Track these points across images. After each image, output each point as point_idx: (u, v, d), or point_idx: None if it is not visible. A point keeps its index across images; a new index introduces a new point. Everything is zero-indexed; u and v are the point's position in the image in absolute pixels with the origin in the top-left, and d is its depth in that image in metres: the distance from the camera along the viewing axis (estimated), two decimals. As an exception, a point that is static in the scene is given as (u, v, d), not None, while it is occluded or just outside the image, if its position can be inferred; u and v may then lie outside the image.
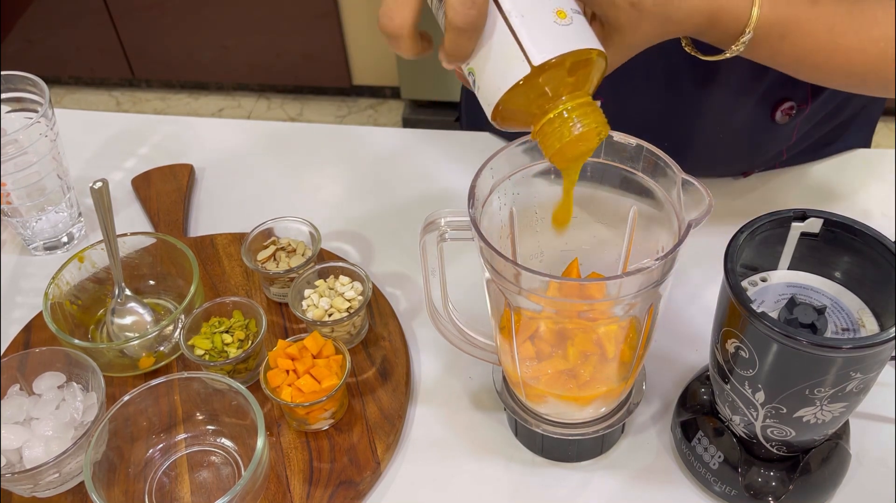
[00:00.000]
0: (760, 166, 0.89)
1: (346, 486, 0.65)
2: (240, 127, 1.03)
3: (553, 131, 0.50)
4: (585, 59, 0.48)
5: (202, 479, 0.65)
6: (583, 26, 0.49)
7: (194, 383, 0.66)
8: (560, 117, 0.49)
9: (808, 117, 0.83)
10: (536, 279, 0.52)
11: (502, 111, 0.50)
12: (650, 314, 0.56)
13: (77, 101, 2.73)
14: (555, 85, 0.49)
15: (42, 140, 0.79)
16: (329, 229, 0.86)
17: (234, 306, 0.73)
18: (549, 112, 0.49)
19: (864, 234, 0.55)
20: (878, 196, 0.87)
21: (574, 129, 0.49)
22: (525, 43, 0.47)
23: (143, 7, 2.44)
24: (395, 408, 0.70)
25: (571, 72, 0.48)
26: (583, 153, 0.52)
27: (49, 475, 0.62)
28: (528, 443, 0.68)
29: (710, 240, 0.65)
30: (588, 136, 0.50)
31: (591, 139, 0.50)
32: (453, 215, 0.58)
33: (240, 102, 2.68)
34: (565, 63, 0.48)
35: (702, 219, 0.51)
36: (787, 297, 0.56)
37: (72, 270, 0.76)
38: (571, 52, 0.47)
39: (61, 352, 0.68)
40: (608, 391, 0.62)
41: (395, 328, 0.76)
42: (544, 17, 0.48)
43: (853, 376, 0.51)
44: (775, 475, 0.60)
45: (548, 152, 0.51)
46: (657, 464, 0.67)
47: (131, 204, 0.92)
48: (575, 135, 0.49)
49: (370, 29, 2.39)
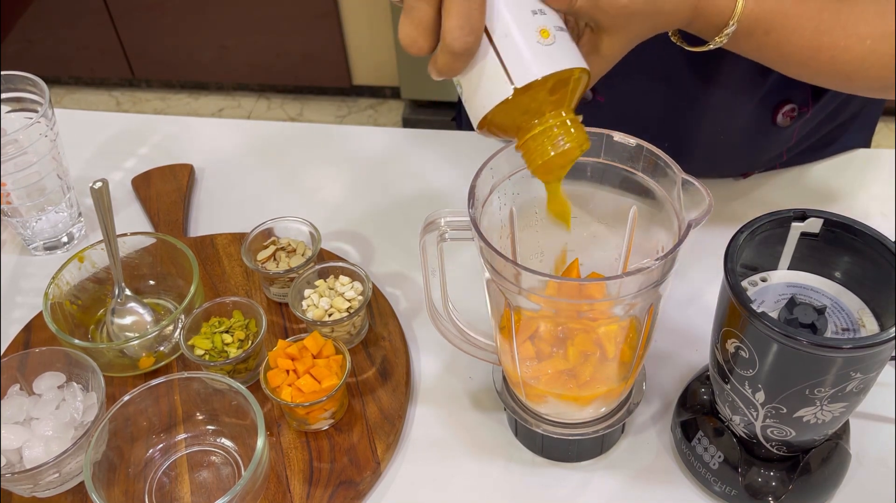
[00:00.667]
0: (760, 167, 0.89)
1: (346, 486, 0.65)
2: (240, 127, 1.03)
3: (536, 147, 0.51)
4: (567, 78, 0.50)
5: (202, 479, 0.65)
6: (566, 44, 0.50)
7: (194, 383, 0.66)
8: (542, 134, 0.51)
9: (808, 119, 0.83)
10: (536, 279, 0.52)
11: (488, 125, 0.52)
12: (650, 314, 0.56)
13: (77, 101, 2.73)
14: (537, 104, 0.50)
15: (42, 140, 0.79)
16: (329, 229, 0.86)
17: (234, 306, 0.73)
18: (532, 129, 0.51)
19: (864, 234, 0.55)
20: (878, 196, 0.87)
21: (556, 147, 0.51)
22: (508, 65, 0.48)
23: (143, 7, 2.44)
24: (395, 408, 0.70)
25: (553, 91, 0.50)
26: (564, 166, 0.53)
27: (49, 475, 0.62)
28: (528, 443, 0.68)
29: (710, 240, 0.65)
30: (570, 152, 0.51)
31: (572, 154, 0.52)
32: (453, 215, 0.58)
33: (240, 102, 2.68)
34: (547, 83, 0.49)
35: (702, 219, 0.51)
36: (787, 297, 0.56)
37: (72, 270, 0.76)
38: (553, 73, 0.49)
39: (61, 352, 0.68)
40: (608, 391, 0.62)
41: (395, 328, 0.76)
42: (528, 38, 0.49)
43: (853, 376, 0.51)
44: (775, 475, 0.60)
45: (531, 166, 0.53)
46: (657, 464, 0.67)
47: (131, 204, 0.92)
48: (557, 152, 0.51)
49: (370, 29, 2.39)
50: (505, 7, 0.49)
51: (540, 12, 0.50)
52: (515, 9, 0.49)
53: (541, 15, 0.50)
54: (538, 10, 0.50)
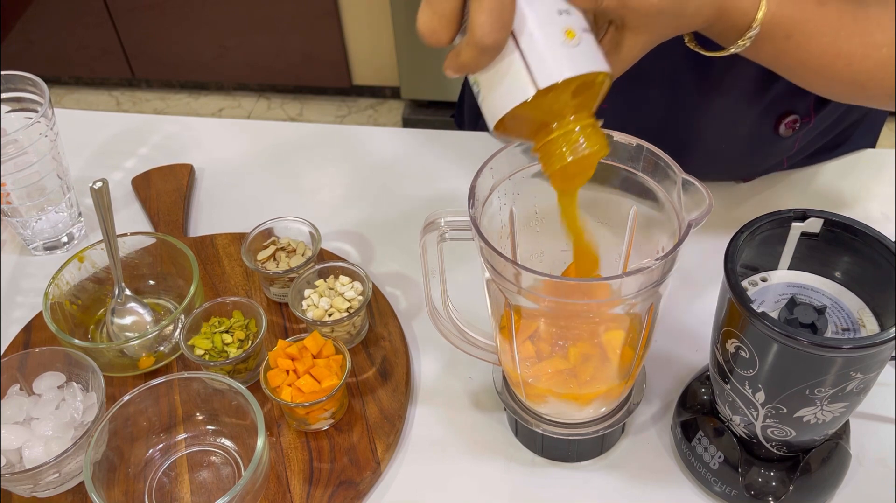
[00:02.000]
0: (760, 174, 0.88)
1: (346, 486, 0.65)
2: (240, 127, 1.03)
3: (554, 150, 0.50)
4: (591, 81, 0.48)
5: (202, 479, 0.65)
6: (591, 47, 0.49)
7: (194, 383, 0.66)
8: (562, 138, 0.49)
9: (810, 129, 0.82)
10: (536, 279, 0.52)
11: (505, 126, 0.50)
12: (650, 314, 0.56)
13: (77, 101, 2.73)
14: (558, 106, 0.49)
15: (42, 140, 0.79)
16: (329, 229, 0.86)
17: (234, 306, 0.73)
18: (552, 132, 0.49)
19: (864, 234, 0.55)
20: (878, 196, 0.87)
21: (575, 151, 0.49)
22: (532, 65, 0.47)
23: (143, 7, 2.44)
24: (395, 408, 0.70)
25: (576, 94, 0.48)
26: (583, 173, 0.52)
27: (49, 475, 0.62)
28: (528, 443, 0.68)
29: (710, 240, 0.65)
30: (589, 157, 0.50)
31: (591, 160, 0.50)
32: (453, 215, 0.58)
33: (240, 102, 2.68)
34: (570, 86, 0.48)
35: (702, 219, 0.51)
36: (787, 297, 0.56)
37: (72, 270, 0.76)
38: (577, 76, 0.47)
39: (61, 352, 0.68)
40: (608, 391, 0.62)
41: (395, 328, 0.76)
42: (553, 38, 0.47)
43: (853, 376, 0.51)
44: (775, 475, 0.60)
45: (547, 170, 0.51)
46: (657, 464, 0.67)
47: (131, 204, 0.92)
48: (576, 157, 0.49)
49: (370, 29, 2.39)
50: (530, 6, 0.47)
51: (566, 12, 0.48)
52: (541, 8, 0.48)
53: (567, 15, 0.48)
54: (564, 10, 0.49)
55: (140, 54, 2.59)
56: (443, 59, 0.50)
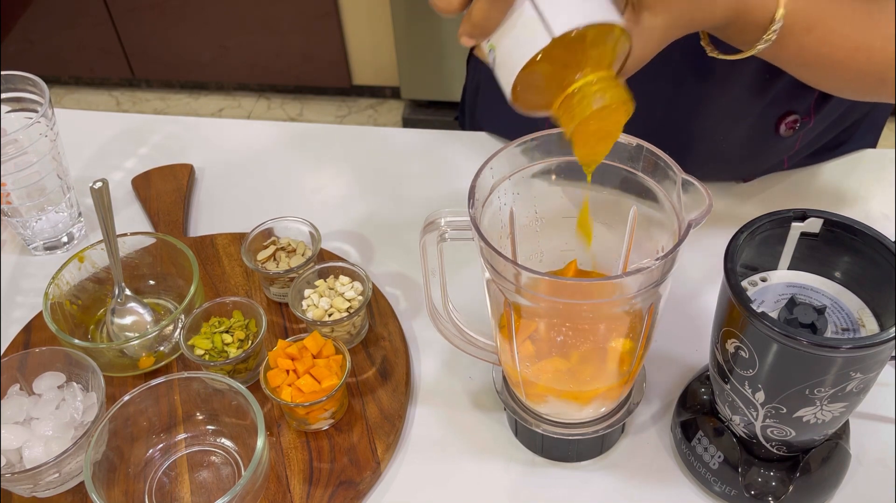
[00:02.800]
0: (761, 174, 0.88)
1: (346, 486, 0.65)
2: (240, 127, 1.03)
3: (575, 104, 0.48)
4: (608, 34, 0.47)
5: (202, 479, 0.65)
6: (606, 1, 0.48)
7: (194, 383, 0.66)
8: (581, 91, 0.47)
9: (810, 128, 0.82)
10: (536, 279, 0.52)
11: (522, 87, 0.48)
12: (650, 314, 0.56)
13: (77, 101, 2.73)
14: (576, 58, 0.47)
15: (42, 140, 0.79)
16: (329, 229, 0.86)
17: (234, 306, 0.73)
18: (571, 86, 0.48)
19: (864, 234, 0.55)
20: (878, 196, 0.87)
21: (595, 103, 0.47)
22: (546, 13, 0.46)
23: (143, 7, 2.44)
24: (395, 408, 0.70)
25: (593, 45, 0.47)
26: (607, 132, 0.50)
27: (49, 475, 0.62)
28: (528, 443, 0.68)
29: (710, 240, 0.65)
30: (611, 109, 0.48)
31: (614, 113, 0.48)
32: (453, 215, 0.58)
33: (240, 102, 2.68)
34: (587, 36, 0.46)
35: (702, 219, 0.51)
36: (787, 297, 0.56)
37: (72, 270, 0.76)
38: (593, 24, 0.46)
39: (61, 352, 0.68)
40: (608, 390, 0.62)
41: (395, 328, 0.76)
42: None
43: (853, 376, 0.51)
44: (775, 475, 0.60)
45: (568, 126, 0.49)
46: (657, 464, 0.67)
47: (131, 204, 0.92)
48: (597, 107, 0.47)
49: (370, 29, 2.39)
50: None
51: None
52: None
53: None
54: None
55: (140, 54, 2.59)
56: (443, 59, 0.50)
